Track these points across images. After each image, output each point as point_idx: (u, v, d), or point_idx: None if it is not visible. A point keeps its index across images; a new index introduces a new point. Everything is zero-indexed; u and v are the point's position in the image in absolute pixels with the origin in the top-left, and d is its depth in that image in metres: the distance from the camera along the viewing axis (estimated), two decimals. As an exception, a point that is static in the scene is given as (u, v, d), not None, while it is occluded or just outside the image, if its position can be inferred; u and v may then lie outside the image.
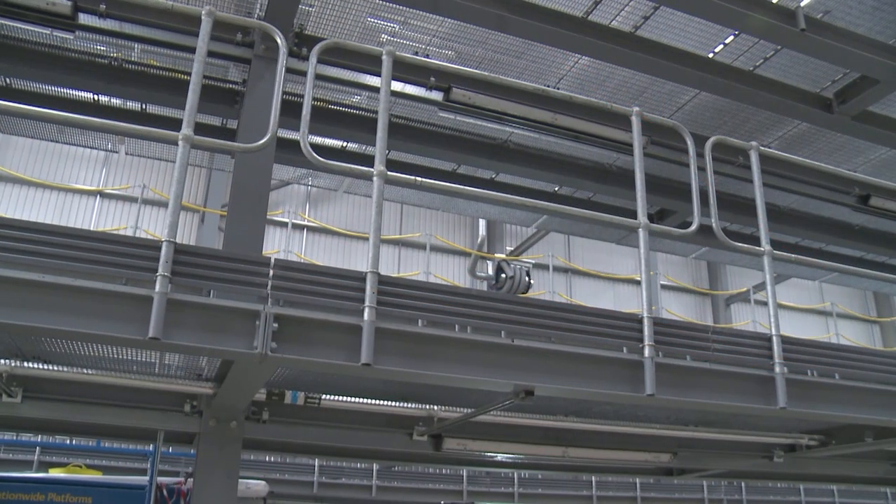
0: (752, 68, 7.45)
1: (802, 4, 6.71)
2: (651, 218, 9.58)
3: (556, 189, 9.48)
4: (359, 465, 12.23)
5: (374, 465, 12.04)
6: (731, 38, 7.10)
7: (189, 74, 3.86)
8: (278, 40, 4.10)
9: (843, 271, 6.32)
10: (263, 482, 10.23)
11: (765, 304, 5.26)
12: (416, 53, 7.19)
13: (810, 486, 15.55)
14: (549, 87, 7.30)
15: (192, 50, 4.02)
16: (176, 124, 3.77)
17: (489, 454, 6.74)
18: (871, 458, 7.74)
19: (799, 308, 22.12)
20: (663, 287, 20.41)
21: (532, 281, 16.10)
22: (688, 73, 7.11)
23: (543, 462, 7.47)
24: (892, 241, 10.80)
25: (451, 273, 18.24)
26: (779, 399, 4.74)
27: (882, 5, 6.75)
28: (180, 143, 3.67)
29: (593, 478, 13.43)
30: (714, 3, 6.35)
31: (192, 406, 5.34)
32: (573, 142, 7.78)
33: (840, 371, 5.31)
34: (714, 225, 4.91)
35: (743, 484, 15.08)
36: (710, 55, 7.27)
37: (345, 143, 8.41)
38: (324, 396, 5.73)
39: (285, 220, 16.97)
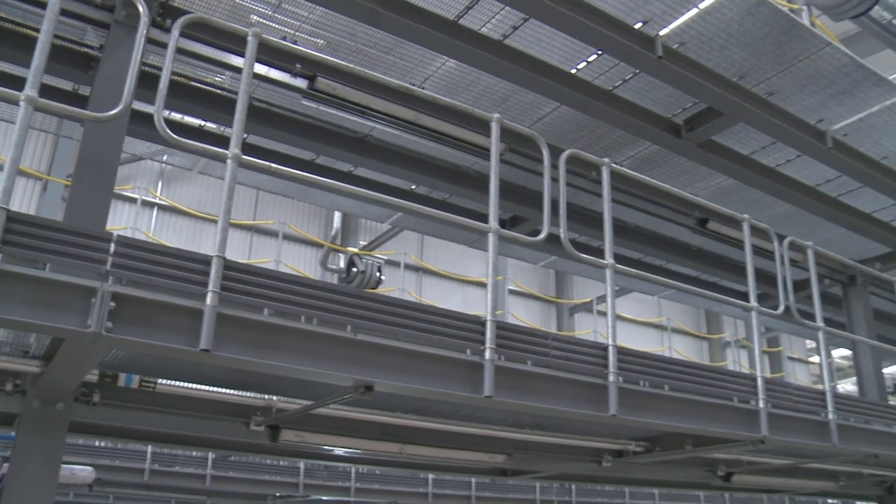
0: (611, 88, 7.74)
1: (661, 33, 7.04)
2: (503, 223, 9.83)
3: (413, 187, 9.56)
4: (193, 453, 11.89)
5: (210, 454, 11.75)
6: (594, 56, 7.35)
7: (39, 32, 3.64)
8: (140, 8, 3.94)
9: (680, 289, 6.65)
10: (90, 468, 9.80)
11: (606, 314, 5.49)
12: (285, 38, 7.07)
13: (635, 489, 16.34)
14: (414, 85, 7.34)
15: (44, 6, 3.80)
16: (21, 83, 3.55)
17: (327, 448, 6.71)
18: (689, 464, 8.23)
19: (638, 321, 23.23)
20: (511, 292, 20.93)
21: (383, 277, 16.15)
22: (550, 86, 7.31)
23: (381, 458, 7.50)
24: (725, 263, 11.50)
25: (302, 264, 18.04)
26: (610, 406, 4.97)
27: (728, 45, 7.18)
28: (22, 104, 3.46)
29: (430, 476, 13.61)
30: (580, 22, 6.57)
31: (15, 385, 5.02)
32: (433, 142, 7.86)
33: (669, 383, 5.61)
34: (562, 235, 5.08)
35: (573, 486, 15.64)
36: (573, 71, 7.51)
37: (203, 122, 8.17)
38: (160, 381, 5.54)
39: (135, 196, 16.29)
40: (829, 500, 20.43)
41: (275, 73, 6.94)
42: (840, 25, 9.42)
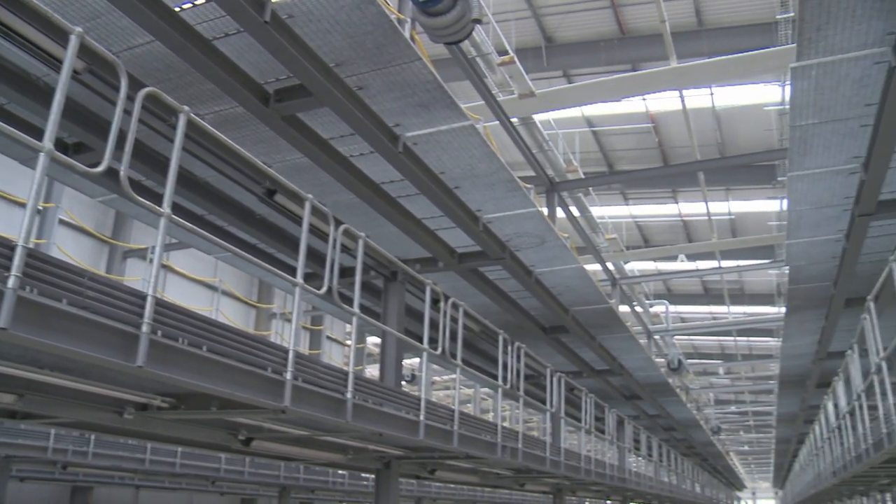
0: (211, 38, 7.51)
1: (274, 0, 7.02)
2: (65, 147, 9.05)
3: (-33, 84, 8.37)
4: None
5: None
6: (203, 1, 7.08)
7: None
8: None
9: (235, 253, 6.68)
10: None
11: (162, 265, 5.33)
12: None
13: (157, 445, 16.09)
14: (-9, -30, 6.43)
15: None
16: None
17: None
18: (212, 425, 8.29)
19: (191, 277, 22.85)
20: (62, 223, 19.27)
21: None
22: (149, 18, 6.85)
23: None
24: (284, 237, 11.82)
25: None
26: (139, 357, 4.83)
27: (333, 31, 7.40)
28: None
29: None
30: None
31: None
32: (3, 39, 6.96)
33: (208, 344, 5.62)
34: (122, 173, 4.83)
35: (92, 436, 14.95)
36: (177, 9, 7.15)
37: None
38: None
39: None
40: (339, 471, 22.17)
41: None
42: (435, 47, 10.23)
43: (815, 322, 17.11)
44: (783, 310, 17.32)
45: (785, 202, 12.16)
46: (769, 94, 20.56)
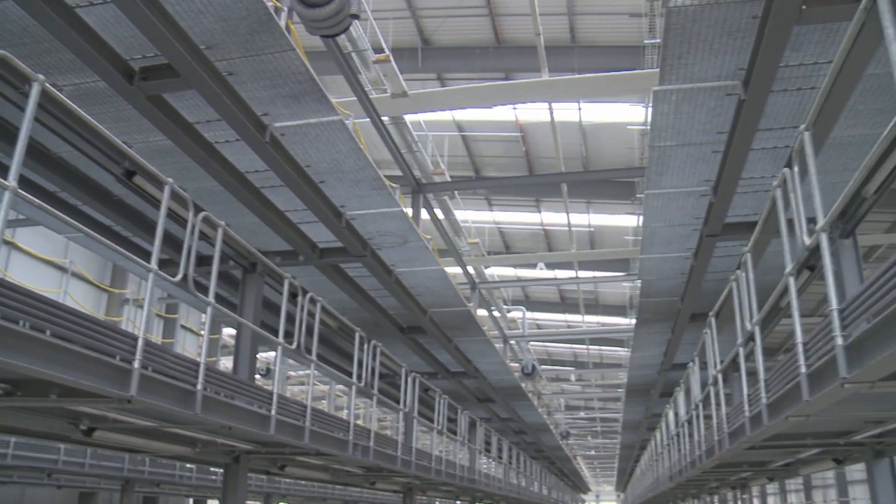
0: (74, 5, 7.15)
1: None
2: None
3: None
4: None
5: None
6: (68, -33, 6.73)
7: None
8: None
9: (88, 234, 6.38)
10: None
11: (5, 242, 5.03)
12: None
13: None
14: None
15: None
16: None
17: None
18: (52, 413, 7.91)
19: (38, 257, 21.65)
20: None
21: None
22: (2, -25, 6.49)
23: None
24: (141, 220, 11.39)
25: None
26: (-31, 340, 4.55)
27: (206, 11, 7.16)
28: None
29: None
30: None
31: None
32: None
33: (52, 328, 5.34)
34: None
35: None
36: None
37: None
38: None
39: None
40: (187, 465, 21.54)
41: None
42: (310, 39, 10.11)
43: (662, 335, 17.95)
44: (634, 321, 18.07)
45: (641, 218, 12.68)
46: (633, 113, 21.39)
